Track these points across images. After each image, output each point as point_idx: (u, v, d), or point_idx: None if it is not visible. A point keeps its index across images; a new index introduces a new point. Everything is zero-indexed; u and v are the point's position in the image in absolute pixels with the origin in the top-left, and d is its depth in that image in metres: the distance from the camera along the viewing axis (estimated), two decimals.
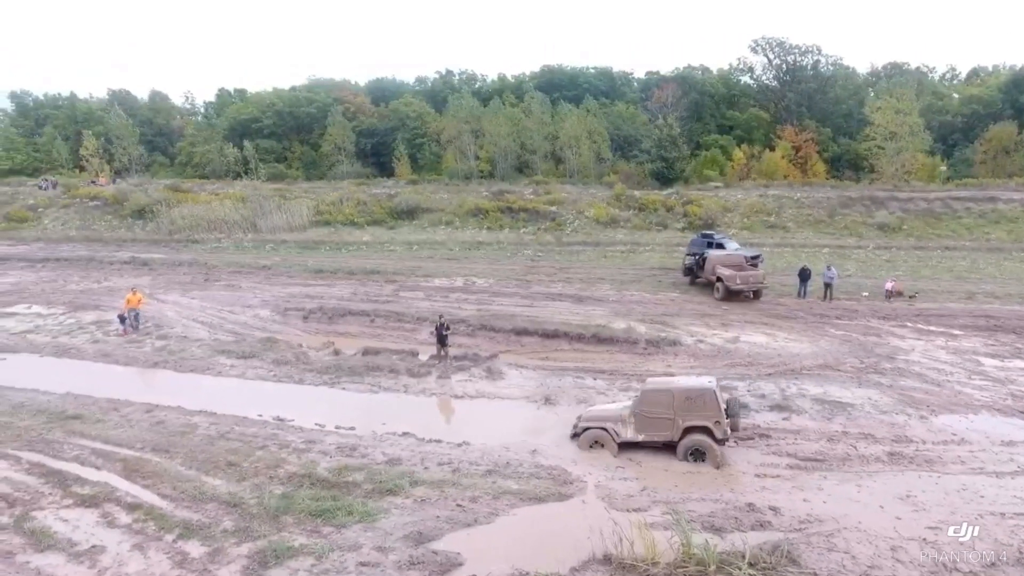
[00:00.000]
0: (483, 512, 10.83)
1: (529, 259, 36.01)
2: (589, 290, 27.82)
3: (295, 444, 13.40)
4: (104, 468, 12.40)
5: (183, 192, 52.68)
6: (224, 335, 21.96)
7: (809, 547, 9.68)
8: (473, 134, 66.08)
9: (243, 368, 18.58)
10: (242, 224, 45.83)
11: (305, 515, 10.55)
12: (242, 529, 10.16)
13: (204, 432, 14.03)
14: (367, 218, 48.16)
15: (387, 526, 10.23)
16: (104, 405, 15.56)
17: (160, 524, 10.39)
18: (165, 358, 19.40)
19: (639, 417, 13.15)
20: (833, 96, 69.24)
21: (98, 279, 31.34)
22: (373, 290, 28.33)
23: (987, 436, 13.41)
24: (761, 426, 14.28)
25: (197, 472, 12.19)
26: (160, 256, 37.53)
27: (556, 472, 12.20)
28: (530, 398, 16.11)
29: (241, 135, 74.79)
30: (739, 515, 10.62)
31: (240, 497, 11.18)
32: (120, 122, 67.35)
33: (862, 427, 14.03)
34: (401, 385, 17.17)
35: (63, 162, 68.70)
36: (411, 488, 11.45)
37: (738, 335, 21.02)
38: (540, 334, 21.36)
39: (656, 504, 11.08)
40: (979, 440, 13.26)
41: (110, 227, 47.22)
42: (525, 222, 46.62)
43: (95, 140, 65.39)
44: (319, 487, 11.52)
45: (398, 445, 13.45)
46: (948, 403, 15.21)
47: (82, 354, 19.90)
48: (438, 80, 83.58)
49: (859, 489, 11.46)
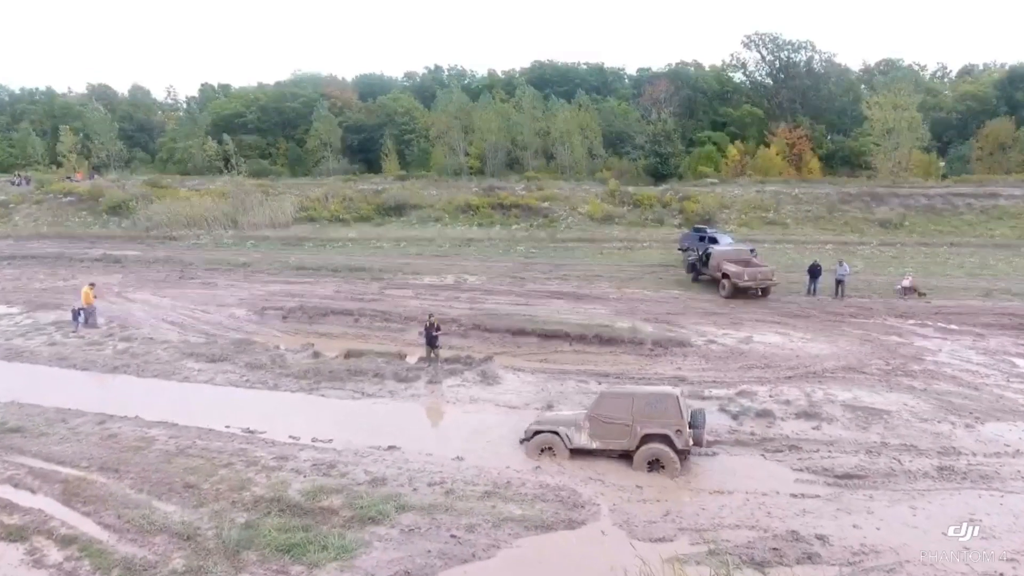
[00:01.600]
0: (482, 544, 9.23)
1: (522, 256, 34.45)
2: (587, 288, 26.33)
3: (265, 461, 11.74)
4: (40, 491, 10.69)
5: (162, 188, 50.64)
6: (195, 336, 20.22)
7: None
8: (463, 130, 64.48)
9: (212, 373, 16.86)
10: (222, 220, 43.87)
11: (271, 551, 8.90)
12: (194, 569, 8.51)
13: (161, 447, 12.33)
14: (354, 215, 46.41)
15: (368, 564, 8.62)
16: (51, 416, 13.81)
17: (97, 562, 8.72)
18: (127, 362, 17.63)
19: (594, 422, 11.86)
20: (827, 93, 68.25)
21: (65, 277, 29.41)
22: (358, 288, 26.67)
23: None
24: (790, 436, 12.80)
25: (148, 496, 10.52)
26: (134, 253, 35.61)
27: (564, 493, 10.64)
28: (530, 405, 14.53)
29: (224, 130, 72.63)
30: (781, 546, 9.10)
31: (196, 527, 9.52)
32: (98, 117, 65.06)
33: (903, 437, 12.58)
34: (387, 391, 15.54)
35: (39, 158, 66.17)
36: (397, 515, 9.84)
37: (750, 335, 19.57)
38: (538, 334, 19.81)
39: (683, 532, 9.55)
40: None
41: (84, 224, 45.13)
42: (517, 219, 45.09)
43: (72, 136, 63.04)
44: (289, 514, 9.88)
45: (383, 461, 11.82)
46: (991, 409, 13.81)
47: (36, 358, 18.09)
48: (427, 75, 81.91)
49: (914, 512, 9.98)
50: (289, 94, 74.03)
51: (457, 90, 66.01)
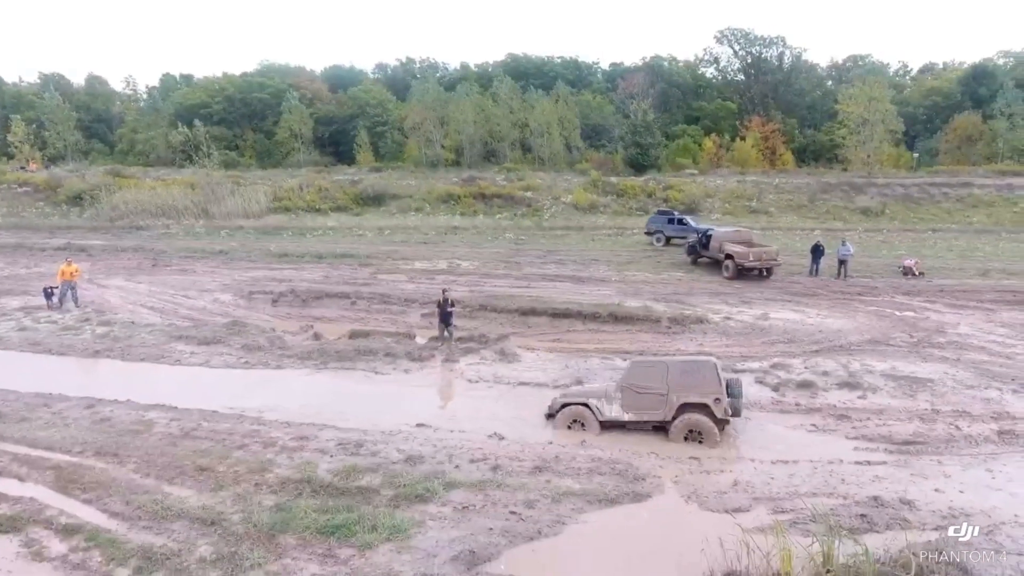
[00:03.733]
0: (546, 521, 8.34)
1: (511, 243, 33.58)
2: (587, 271, 25.63)
3: (283, 442, 10.61)
4: (29, 479, 9.38)
5: (125, 178, 48.26)
6: (180, 320, 18.79)
7: (970, 549, 7.57)
8: (439, 121, 63.29)
9: (206, 355, 15.55)
10: (193, 210, 41.94)
11: (311, 533, 7.86)
12: (227, 556, 7.41)
13: (163, 430, 11.08)
14: (330, 204, 44.96)
15: (426, 544, 7.64)
16: (31, 401, 12.39)
17: (109, 553, 7.54)
18: (109, 346, 16.17)
19: (627, 393, 11.19)
20: (798, 88, 69.23)
21: (27, 265, 27.41)
22: (347, 273, 25.44)
23: None
24: (836, 406, 12.25)
25: (157, 481, 9.32)
26: (100, 242, 33.55)
27: (620, 467, 9.81)
28: (557, 382, 13.68)
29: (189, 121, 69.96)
30: (867, 511, 8.46)
31: (218, 512, 8.39)
32: (54, 105, 61.80)
33: (953, 404, 12.15)
34: (402, 370, 14.50)
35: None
36: (446, 492, 8.87)
37: (765, 312, 19.11)
38: (549, 314, 18.99)
39: (759, 502, 8.83)
40: None
41: (42, 214, 42.60)
42: (500, 208, 44.32)
43: (24, 126, 59.68)
44: (324, 495, 8.83)
45: (414, 439, 10.82)
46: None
47: (6, 343, 16.46)
48: (399, 68, 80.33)
49: (992, 475, 9.47)
50: (257, 84, 71.67)
51: (433, 82, 64.73)
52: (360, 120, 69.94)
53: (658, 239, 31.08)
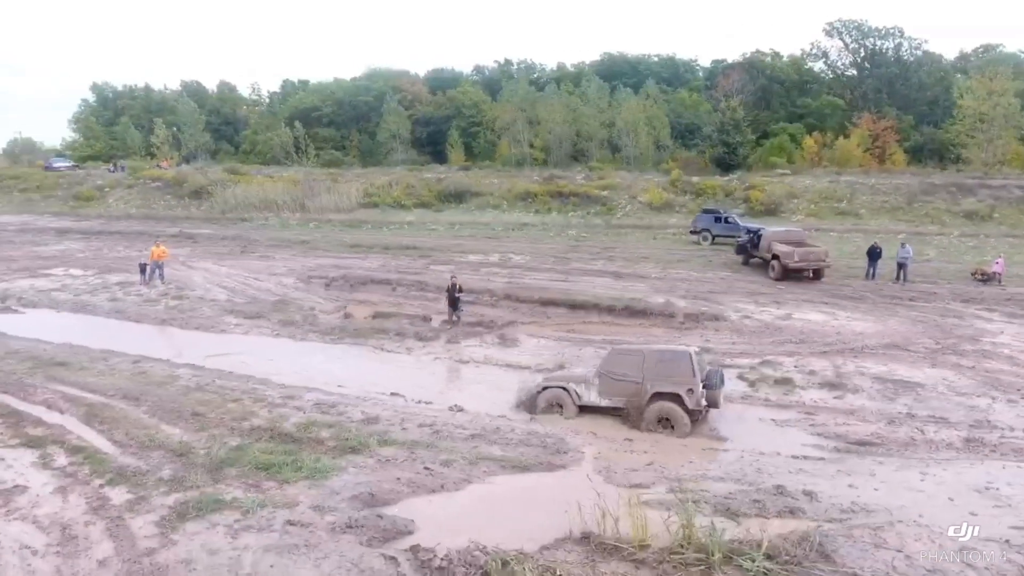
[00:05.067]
0: (454, 478, 9.23)
1: (573, 239, 34.18)
2: (631, 268, 25.80)
3: (272, 399, 12.20)
4: (67, 412, 11.53)
5: (240, 175, 53.53)
6: (241, 298, 21.28)
7: (850, 541, 7.57)
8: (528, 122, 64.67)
9: (248, 327, 17.72)
10: (291, 204, 45.93)
11: (251, 468, 9.24)
12: (177, 479, 8.95)
13: (183, 383, 13.05)
14: (415, 200, 47.41)
15: (336, 484, 8.79)
16: (96, 355, 14.89)
17: (94, 468, 9.32)
18: (174, 316, 18.79)
19: (604, 379, 11.56)
20: (916, 82, 63.82)
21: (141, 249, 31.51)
22: (404, 263, 27.25)
23: None
24: (807, 404, 12.11)
25: (158, 420, 11.15)
26: (207, 231, 37.86)
27: (551, 440, 10.46)
28: (540, 366, 14.39)
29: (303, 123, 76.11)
30: (764, 498, 8.59)
31: (191, 447, 10.01)
32: (188, 111, 69.59)
33: (933, 409, 11.63)
34: (405, 348, 15.85)
35: (136, 149, 71.51)
36: (378, 447, 9.99)
37: (791, 312, 18.62)
38: (568, 305, 19.63)
39: (663, 480, 9.19)
40: None
41: (168, 206, 48.36)
42: (575, 206, 44.80)
43: (165, 128, 67.77)
44: (278, 441, 10.23)
45: (382, 405, 12.04)
46: None
47: (97, 310, 19.57)
48: (496, 69, 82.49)
49: (924, 478, 9.20)
50: (363, 88, 76.53)
51: (523, 82, 66.17)
52: (456, 121, 72.90)
53: (704, 238, 30.61)
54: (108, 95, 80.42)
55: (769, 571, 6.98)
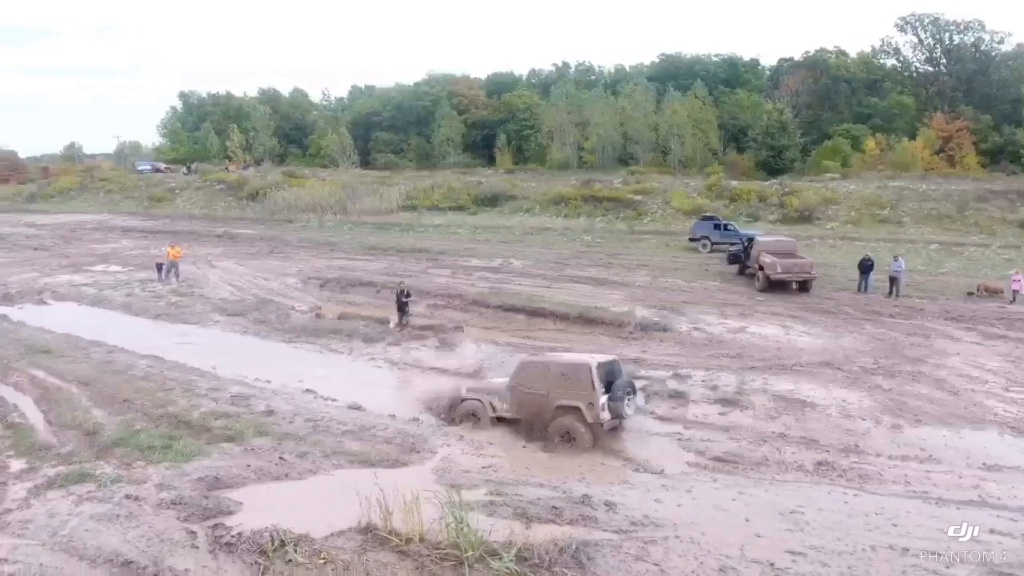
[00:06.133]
0: (301, 468, 10.20)
1: (585, 245, 34.47)
2: (622, 275, 25.96)
3: (200, 390, 13.63)
4: (27, 393, 13.39)
5: (296, 177, 56.92)
6: (241, 296, 23.18)
7: (615, 552, 7.94)
8: (579, 125, 64.97)
9: (227, 324, 19.46)
10: (334, 206, 48.49)
11: (133, 449, 10.59)
12: (68, 455, 10.44)
13: (136, 373, 14.72)
14: (450, 203, 48.83)
15: (191, 468, 9.95)
16: (82, 344, 16.91)
17: (15, 442, 10.96)
18: (169, 312, 20.83)
19: (515, 392, 11.77)
20: (998, 79, 59.16)
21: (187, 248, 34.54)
22: (407, 266, 28.53)
23: (968, 457, 10.39)
24: (687, 418, 12.27)
25: (93, 404, 12.77)
26: (250, 232, 40.77)
27: (414, 441, 11.25)
28: (460, 370, 15.15)
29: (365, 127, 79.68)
30: (566, 507, 9.02)
31: (102, 428, 11.51)
32: (260, 116, 74.44)
33: (809, 431, 11.52)
34: (348, 349, 17.00)
35: (214, 152, 77.24)
36: (252, 438, 11.12)
37: (747, 326, 18.43)
38: (527, 312, 20.26)
39: (488, 484, 9.77)
40: (953, 460, 10.32)
41: (227, 207, 52.20)
42: (606, 211, 44.79)
43: (240, 133, 72.87)
44: (174, 428, 11.56)
45: (290, 400, 13.22)
46: (948, 414, 12.07)
47: (110, 305, 21.95)
48: (552, 72, 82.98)
49: (736, 498, 9.32)
50: (422, 93, 79.08)
51: (570, 85, 66.43)
52: (509, 124, 74.13)
53: (703, 245, 30.13)
54: (193, 102, 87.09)
55: (517, 572, 7.52)
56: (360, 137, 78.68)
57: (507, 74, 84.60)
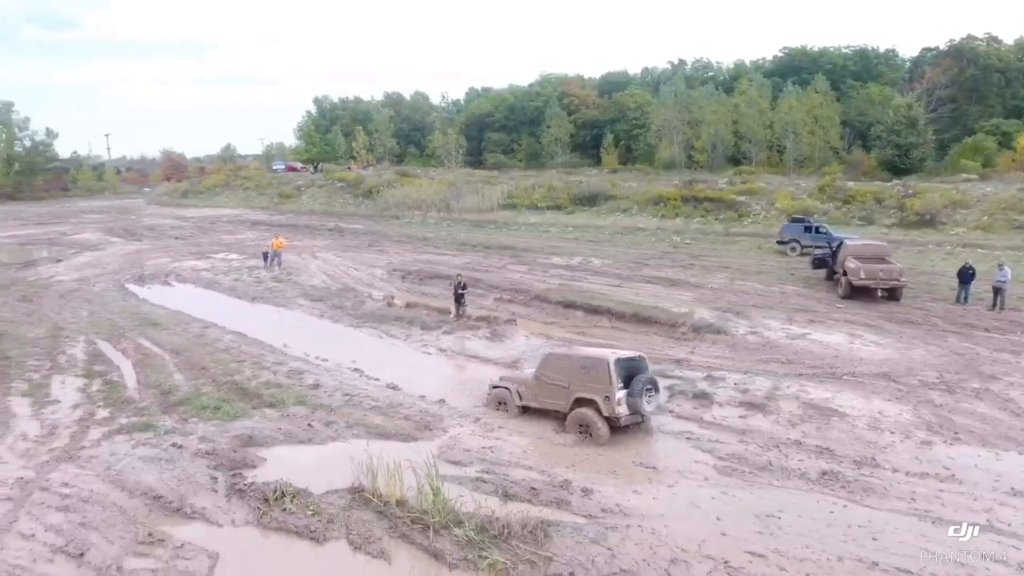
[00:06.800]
0: (325, 435, 11.38)
1: (672, 245, 33.79)
2: (698, 277, 25.35)
3: (265, 363, 15.34)
4: (129, 357, 15.77)
5: (408, 176, 60.16)
6: (328, 284, 25.27)
7: (574, 533, 8.31)
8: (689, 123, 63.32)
9: (309, 307, 21.40)
10: (438, 204, 50.80)
11: (195, 409, 12.28)
12: (142, 409, 12.31)
13: (220, 346, 16.77)
14: (549, 203, 49.47)
15: (232, 427, 11.43)
16: (185, 320, 19.42)
17: (107, 396, 13.07)
18: (264, 295, 23.23)
19: (540, 382, 12.22)
20: None
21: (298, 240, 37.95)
22: (488, 262, 29.53)
23: (996, 481, 9.51)
24: (704, 419, 12.13)
25: (176, 370, 14.81)
26: (358, 227, 43.82)
27: (430, 419, 12.10)
28: (501, 360, 15.80)
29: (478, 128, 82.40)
30: (545, 489, 9.47)
31: (176, 389, 13.40)
32: (381, 119, 79.30)
33: (826, 440, 11.01)
34: (405, 335, 18.17)
35: (341, 153, 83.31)
36: (291, 406, 12.46)
37: (809, 332, 17.53)
38: (585, 309, 20.44)
39: (483, 463, 10.42)
40: (978, 482, 9.49)
41: (344, 204, 56.20)
42: (706, 211, 43.42)
43: (365, 135, 78.14)
44: (234, 394, 13.19)
45: (337, 376, 14.54)
46: (996, 435, 11.01)
47: (219, 287, 24.81)
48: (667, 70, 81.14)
49: (717, 497, 9.26)
50: (534, 93, 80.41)
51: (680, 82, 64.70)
52: (619, 124, 73.62)
53: (792, 248, 28.46)
54: (326, 106, 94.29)
55: (475, 540, 8.12)
56: (474, 137, 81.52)
57: (620, 73, 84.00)
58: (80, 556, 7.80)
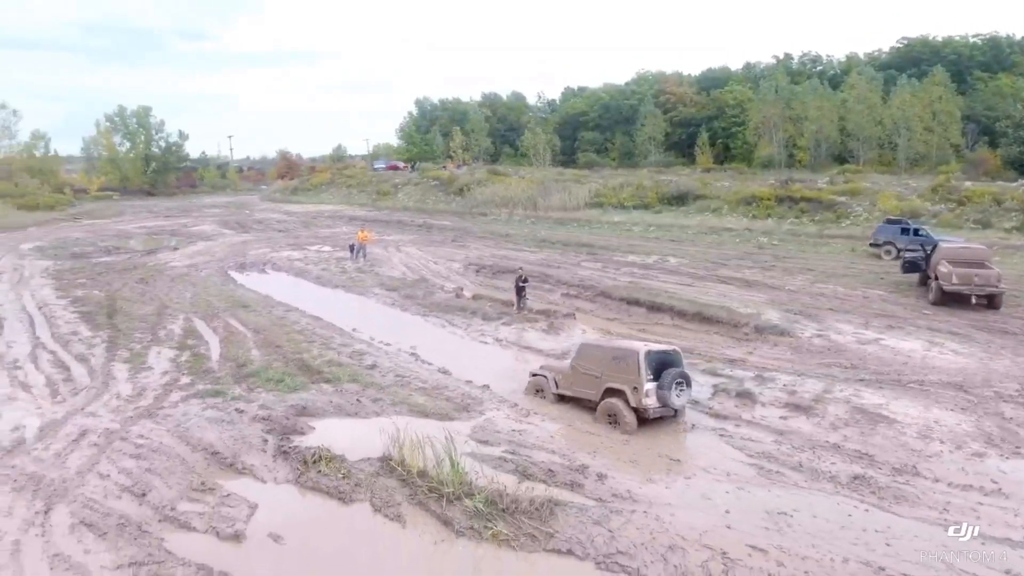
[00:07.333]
0: (371, 410, 12.23)
1: (757, 246, 32.57)
2: (777, 279, 24.42)
3: (333, 344, 16.54)
4: (218, 334, 17.49)
5: (498, 175, 61.44)
6: (406, 275, 26.55)
7: (579, 514, 8.59)
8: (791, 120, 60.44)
9: (383, 296, 22.68)
10: (524, 202, 51.56)
11: (262, 380, 13.55)
12: (218, 378, 13.73)
13: (296, 327, 18.21)
14: (635, 202, 48.92)
15: (291, 397, 12.53)
16: (270, 303, 21.16)
17: (192, 366, 14.65)
18: (346, 284, 24.80)
19: (574, 371, 12.52)
20: None
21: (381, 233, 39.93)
22: (564, 259, 29.80)
23: None
24: (742, 418, 11.92)
25: (254, 346, 16.30)
26: (445, 223, 45.38)
27: (470, 402, 12.68)
28: (553, 352, 16.13)
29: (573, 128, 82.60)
30: (562, 472, 9.77)
31: (250, 362, 14.80)
32: (477, 119, 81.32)
33: (868, 445, 10.53)
34: (466, 324, 18.88)
35: (439, 153, 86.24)
36: (345, 383, 13.45)
37: (883, 338, 16.56)
38: (648, 306, 20.33)
39: (509, 444, 10.85)
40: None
41: (437, 201, 58.25)
42: (801, 212, 41.43)
43: (461, 135, 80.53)
44: (299, 369, 14.39)
45: (394, 359, 15.46)
46: None
47: (307, 276, 26.73)
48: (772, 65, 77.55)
49: (731, 491, 9.18)
50: (629, 92, 79.49)
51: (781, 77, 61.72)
52: (717, 121, 71.41)
53: (887, 251, 26.50)
54: (427, 108, 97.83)
55: (482, 511, 8.61)
56: (568, 137, 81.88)
57: (721, 69, 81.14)
58: (142, 496, 9.00)
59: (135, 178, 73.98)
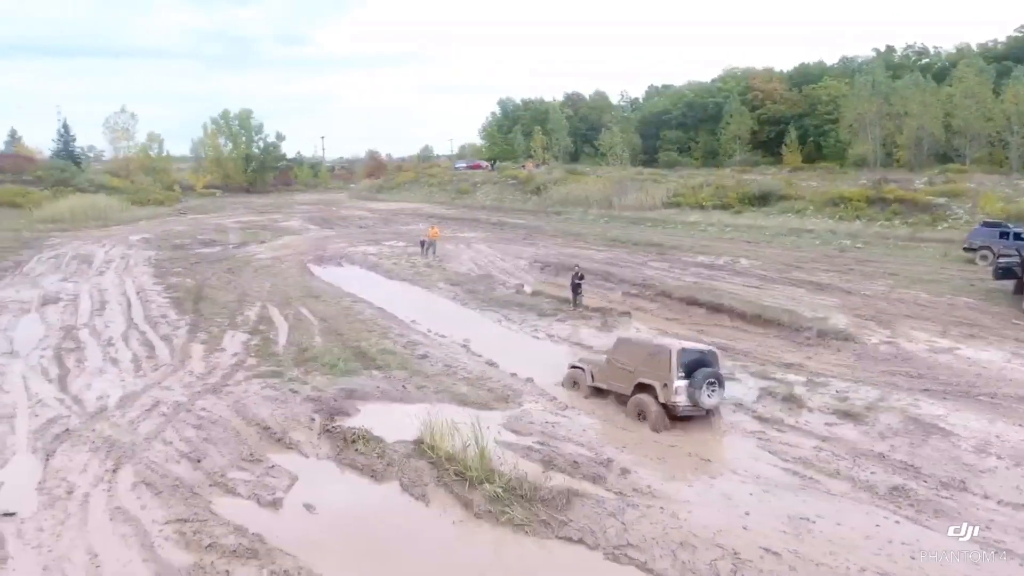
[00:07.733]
0: (415, 396, 12.80)
1: (839, 249, 30.98)
2: (853, 283, 23.23)
3: (391, 333, 17.32)
4: (288, 321, 18.67)
5: (576, 174, 61.36)
6: (471, 271, 27.18)
7: (596, 505, 8.75)
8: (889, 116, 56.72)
9: (446, 290, 23.36)
10: (599, 201, 51.27)
11: (319, 364, 14.43)
12: (280, 360, 14.73)
13: (359, 317, 19.17)
14: (715, 202, 47.55)
15: (342, 381, 13.29)
16: (340, 294, 22.31)
17: (260, 348, 15.79)
18: (413, 278, 25.71)
19: (610, 365, 12.60)
20: None
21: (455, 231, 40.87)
22: (629, 258, 29.56)
23: None
24: (785, 422, 11.59)
25: (317, 333, 17.32)
26: (519, 221, 45.85)
27: (510, 393, 13.01)
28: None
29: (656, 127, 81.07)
30: (586, 464, 9.92)
31: (312, 347, 15.77)
32: (557, 118, 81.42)
33: (916, 457, 9.99)
34: (520, 319, 19.19)
35: (520, 152, 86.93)
36: (394, 370, 14.10)
37: (959, 347, 15.51)
38: (708, 307, 19.92)
39: (541, 435, 11.10)
40: None
41: (514, 200, 58.88)
42: (893, 214, 38.97)
43: (542, 135, 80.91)
44: (355, 355, 15.19)
45: (446, 350, 16.01)
46: None
47: (378, 269, 27.88)
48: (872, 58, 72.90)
49: (755, 494, 9.01)
50: (715, 89, 77.09)
51: (879, 71, 57.90)
52: (808, 119, 68.13)
53: (982, 256, 24.38)
54: (509, 108, 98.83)
55: (501, 496, 8.92)
56: (651, 136, 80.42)
57: (815, 64, 77.21)
58: (198, 462, 9.91)
59: (236, 176, 79.16)
